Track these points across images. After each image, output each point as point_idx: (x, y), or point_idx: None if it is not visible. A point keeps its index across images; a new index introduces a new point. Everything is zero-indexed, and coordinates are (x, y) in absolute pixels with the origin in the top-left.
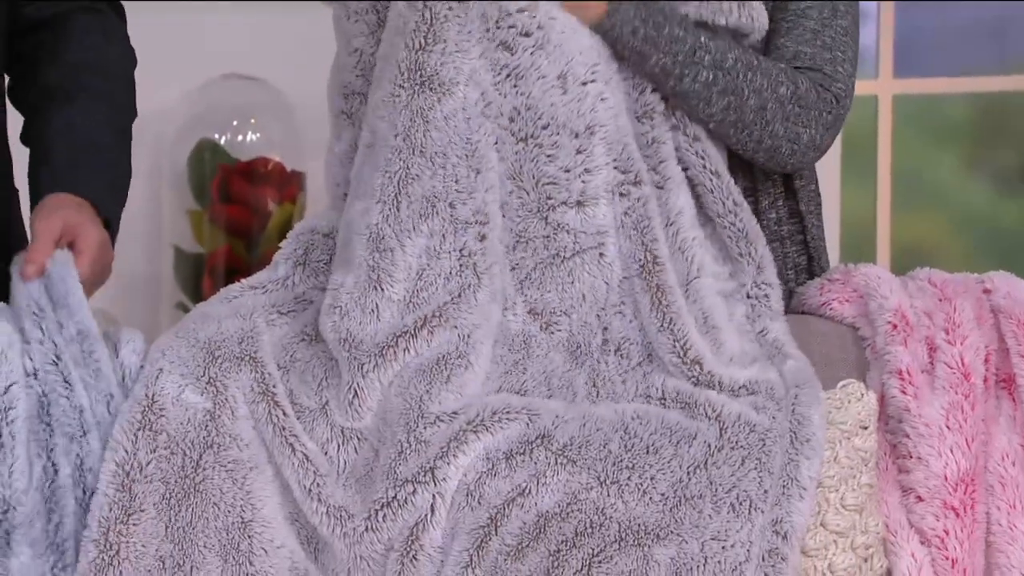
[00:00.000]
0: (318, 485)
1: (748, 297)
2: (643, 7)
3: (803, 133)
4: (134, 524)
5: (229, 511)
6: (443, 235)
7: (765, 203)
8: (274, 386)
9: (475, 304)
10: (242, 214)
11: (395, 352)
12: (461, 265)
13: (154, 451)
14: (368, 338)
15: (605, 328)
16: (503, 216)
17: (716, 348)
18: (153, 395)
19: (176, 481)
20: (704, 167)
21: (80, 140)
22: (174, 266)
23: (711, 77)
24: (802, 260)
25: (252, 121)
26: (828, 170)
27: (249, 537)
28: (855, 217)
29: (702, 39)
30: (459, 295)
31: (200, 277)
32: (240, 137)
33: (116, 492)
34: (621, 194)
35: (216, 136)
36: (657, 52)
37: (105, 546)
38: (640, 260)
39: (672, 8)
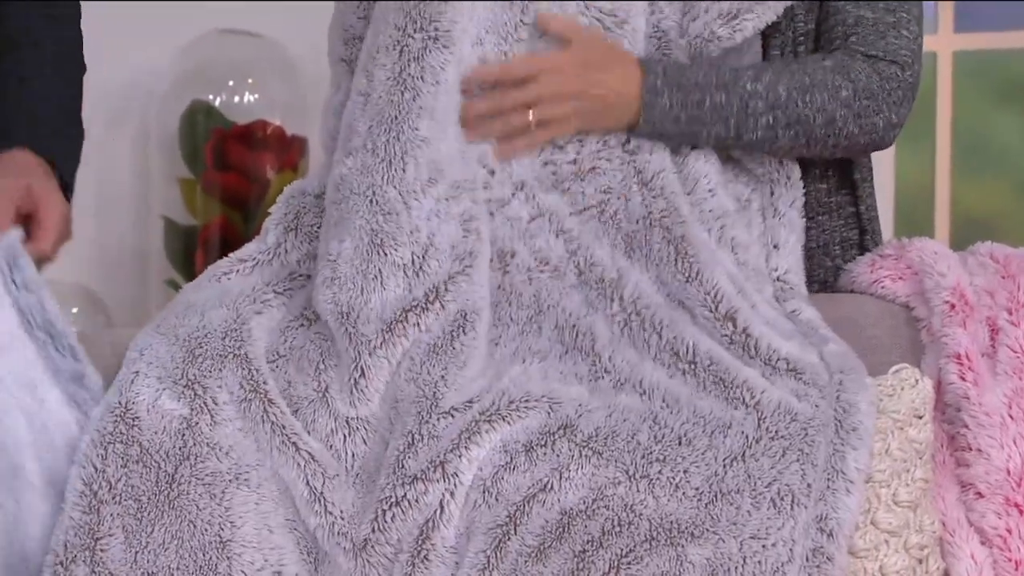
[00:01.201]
0: (329, 489)
1: (777, 280)
2: (676, 88)
3: (878, 121)
4: (101, 550)
5: (206, 529)
6: (447, 199)
7: (816, 171)
8: (265, 382)
9: (483, 273)
10: (239, 182)
11: (404, 328)
12: (466, 231)
13: (125, 465)
14: (374, 311)
15: (619, 269)
16: (498, 166)
17: (750, 307)
18: (127, 402)
19: (149, 498)
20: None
21: (35, 93)
22: (164, 240)
23: (771, 120)
24: (852, 234)
25: (250, 80)
26: None
27: (228, 559)
28: (911, 185)
29: (747, 86)
30: (470, 264)
31: (192, 252)
32: (236, 98)
33: (82, 515)
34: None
35: (210, 97)
36: (705, 127)
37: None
38: (660, 209)
39: (709, 65)
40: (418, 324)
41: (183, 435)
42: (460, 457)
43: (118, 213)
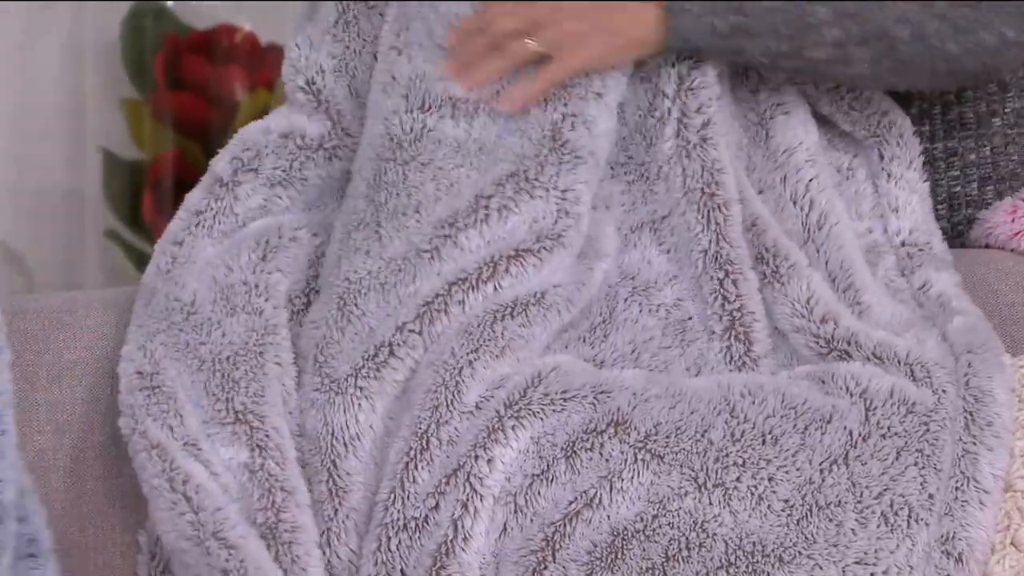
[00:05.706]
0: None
1: (902, 246)
2: None
3: (985, 37)
4: None
5: None
6: (538, 158)
7: (913, 111)
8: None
9: (561, 263)
10: (197, 105)
11: (446, 304)
12: (561, 212)
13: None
14: (419, 294)
15: (737, 306)
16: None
17: (856, 311)
18: (171, 482)
19: None
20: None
21: None
22: (103, 178)
23: (840, 34)
24: (970, 189)
25: None
26: None
27: None
28: None
29: None
30: (548, 248)
31: (139, 193)
32: None
33: None
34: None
35: None
36: (751, 39)
37: None
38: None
39: None
40: (463, 303)
41: (247, 487)
42: (477, 459)
43: (43, 145)
